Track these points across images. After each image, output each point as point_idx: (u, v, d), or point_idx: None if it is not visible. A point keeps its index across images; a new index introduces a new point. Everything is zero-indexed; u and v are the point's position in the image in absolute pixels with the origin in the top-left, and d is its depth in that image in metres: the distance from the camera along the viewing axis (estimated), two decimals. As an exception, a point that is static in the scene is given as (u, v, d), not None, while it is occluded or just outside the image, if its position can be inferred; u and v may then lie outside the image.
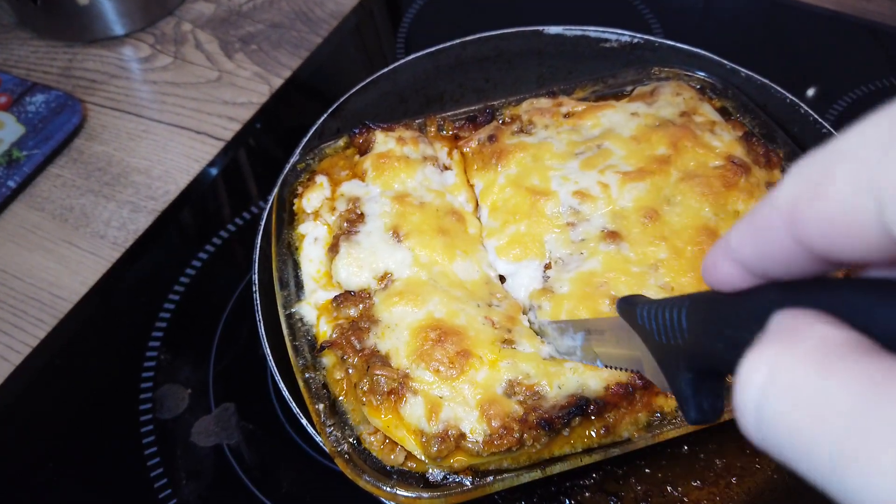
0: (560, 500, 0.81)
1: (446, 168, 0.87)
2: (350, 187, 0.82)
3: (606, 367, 0.56)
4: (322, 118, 0.95)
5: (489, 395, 0.64)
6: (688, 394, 0.40)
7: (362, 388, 0.64)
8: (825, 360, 0.25)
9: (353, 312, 0.70)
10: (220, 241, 1.07)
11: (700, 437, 0.85)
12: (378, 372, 0.64)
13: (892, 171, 0.24)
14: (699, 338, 0.39)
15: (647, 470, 0.83)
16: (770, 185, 0.86)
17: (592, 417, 0.66)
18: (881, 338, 0.26)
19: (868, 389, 0.23)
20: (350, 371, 0.67)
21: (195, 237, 1.09)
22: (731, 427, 0.86)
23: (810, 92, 1.24)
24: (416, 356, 0.65)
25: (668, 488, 0.82)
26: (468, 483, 0.64)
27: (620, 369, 0.54)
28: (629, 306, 0.46)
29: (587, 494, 0.82)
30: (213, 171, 1.16)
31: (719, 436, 0.85)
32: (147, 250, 1.07)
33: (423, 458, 0.63)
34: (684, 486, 0.82)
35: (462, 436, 0.62)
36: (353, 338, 0.67)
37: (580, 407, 0.64)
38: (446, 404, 0.63)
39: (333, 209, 0.81)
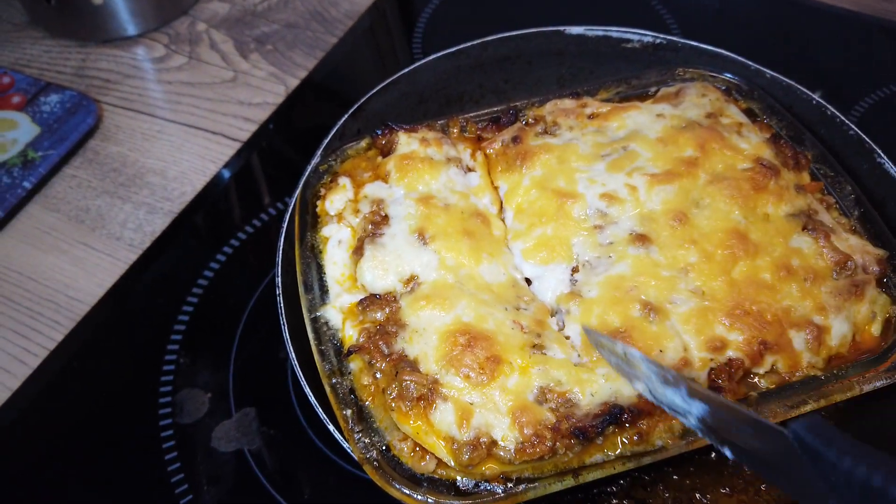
0: (587, 507, 0.80)
1: (470, 170, 0.86)
2: (373, 189, 0.81)
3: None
4: (343, 119, 0.94)
5: (521, 402, 0.63)
6: None
7: (391, 394, 0.63)
8: None
9: (379, 316, 0.69)
10: (237, 243, 1.06)
11: (728, 443, 0.84)
12: (407, 378, 0.63)
13: None
14: None
15: (675, 477, 0.82)
16: (799, 187, 0.84)
17: (626, 425, 0.65)
18: None
19: None
20: (378, 376, 0.66)
21: (212, 239, 1.08)
22: (760, 433, 0.85)
23: (829, 93, 1.22)
24: (446, 361, 0.64)
25: (697, 495, 0.81)
26: (500, 491, 0.63)
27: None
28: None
29: (614, 502, 0.80)
30: (230, 172, 1.15)
31: (748, 442, 0.84)
32: (164, 252, 1.06)
33: (453, 465, 0.61)
34: (713, 493, 0.81)
35: (493, 443, 0.61)
36: (380, 342, 0.67)
37: (614, 415, 0.63)
38: (477, 411, 0.62)
39: (357, 211, 0.80)
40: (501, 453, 0.61)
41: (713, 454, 0.83)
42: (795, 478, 0.46)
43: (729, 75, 0.99)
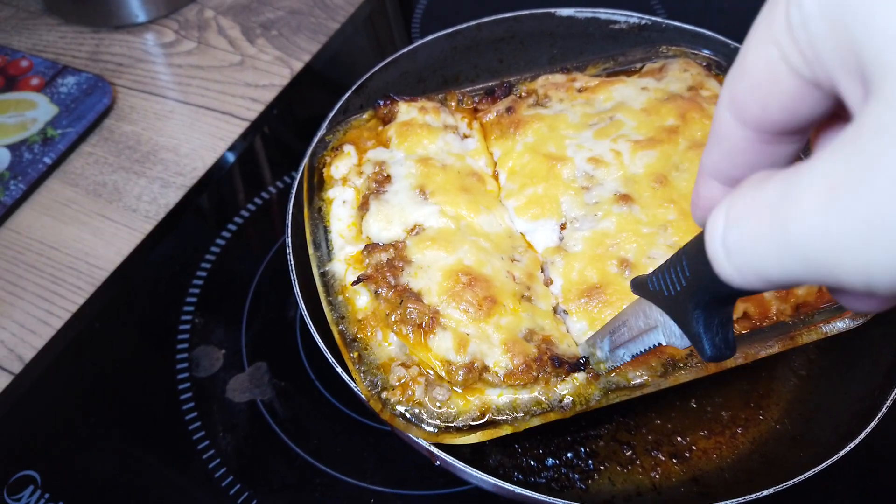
0: (576, 449, 0.86)
1: (466, 136, 0.92)
2: (376, 153, 0.87)
3: (633, 358, 0.62)
4: (347, 94, 1.00)
5: (511, 337, 0.70)
6: (700, 332, 0.45)
7: (393, 318, 0.70)
8: (760, 182, 0.31)
9: (384, 258, 0.75)
10: (248, 214, 1.12)
11: (708, 391, 0.90)
12: (411, 306, 0.69)
13: (783, 25, 0.30)
14: (696, 268, 0.43)
15: (657, 421, 0.88)
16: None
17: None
18: None
19: (782, 181, 0.30)
20: (382, 305, 0.72)
21: (223, 211, 1.14)
22: (737, 381, 0.92)
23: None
24: (448, 296, 0.70)
25: (678, 438, 0.87)
26: (507, 419, 0.69)
27: (644, 353, 0.60)
28: (641, 282, 0.52)
29: (601, 443, 0.87)
30: (238, 151, 1.21)
31: (725, 390, 0.90)
32: (178, 223, 1.12)
33: (447, 380, 0.68)
34: (692, 435, 0.87)
35: (485, 368, 0.68)
36: (388, 273, 0.73)
37: (579, 364, 0.70)
38: (473, 341, 0.68)
39: (361, 173, 0.86)
40: (490, 377, 0.68)
41: (693, 402, 0.90)
42: (664, 322, 0.52)
43: (709, 52, 1.05)
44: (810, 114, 0.33)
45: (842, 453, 0.71)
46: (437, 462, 0.73)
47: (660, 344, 0.55)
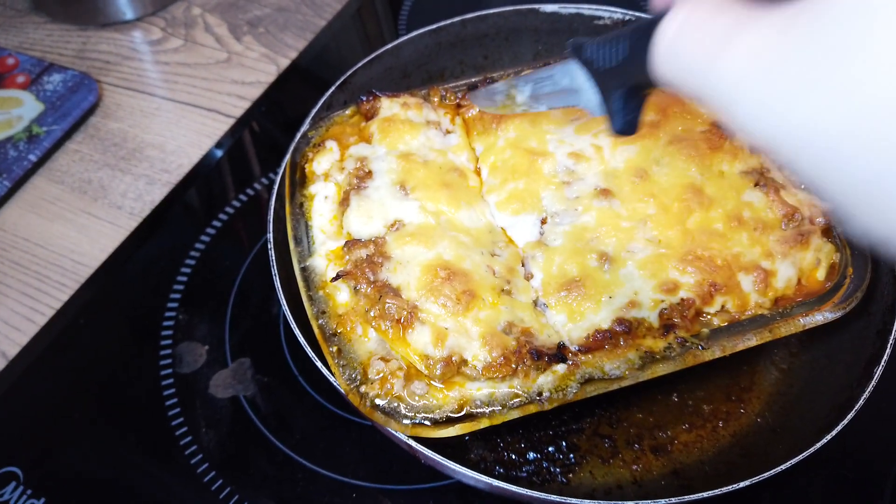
0: (557, 443, 0.87)
1: (449, 132, 0.92)
2: (358, 149, 0.88)
3: (549, 108, 0.67)
4: (330, 90, 1.00)
5: (490, 330, 0.70)
6: (617, 108, 0.51)
7: (372, 314, 0.70)
8: (717, 9, 0.38)
9: (363, 254, 0.75)
10: (232, 210, 1.12)
11: (689, 385, 0.90)
12: (390, 301, 0.69)
13: None
14: (634, 50, 0.48)
15: (639, 415, 0.89)
16: (752, 147, 0.91)
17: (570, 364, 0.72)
18: None
19: (733, 19, 0.37)
20: (362, 301, 0.72)
21: (208, 208, 1.14)
22: (718, 375, 0.92)
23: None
24: (426, 290, 0.70)
25: (659, 432, 0.88)
26: (486, 412, 0.69)
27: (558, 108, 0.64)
28: (578, 46, 0.57)
29: (583, 437, 0.87)
30: (223, 149, 1.21)
31: (707, 383, 0.90)
32: (163, 220, 1.12)
33: (426, 373, 0.68)
34: (674, 429, 0.87)
35: (464, 362, 0.68)
36: (367, 269, 0.73)
37: (561, 355, 0.71)
38: (451, 335, 0.69)
39: (342, 169, 0.86)
40: (469, 371, 0.68)
41: (675, 396, 0.90)
42: (587, 90, 0.56)
43: None
44: None
45: (818, 446, 0.71)
46: (422, 459, 0.73)
47: (576, 106, 0.59)
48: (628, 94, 0.51)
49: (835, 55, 0.31)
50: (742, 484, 0.69)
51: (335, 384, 0.74)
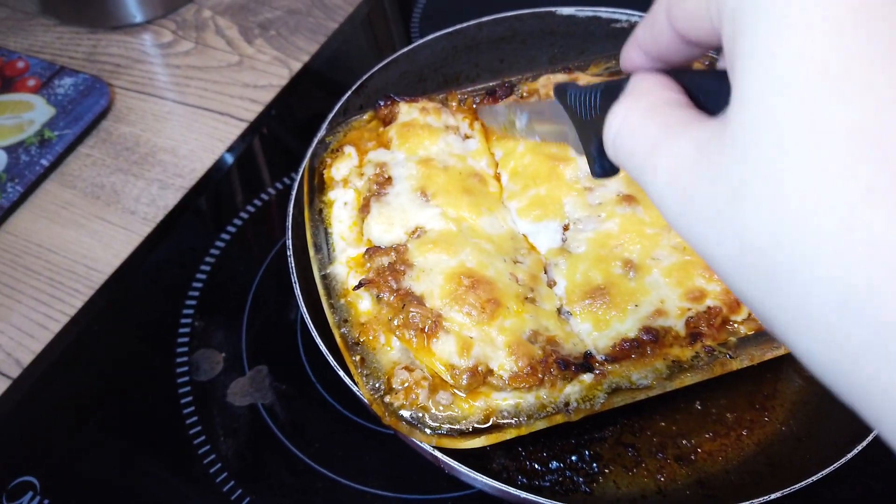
0: (580, 452, 0.86)
1: (468, 137, 0.91)
2: (377, 155, 0.87)
3: (542, 140, 0.67)
4: (347, 94, 0.99)
5: (515, 339, 0.69)
6: (595, 155, 0.52)
7: (395, 323, 0.69)
8: (650, 112, 0.40)
9: (385, 261, 0.74)
10: (245, 216, 1.11)
11: (713, 393, 0.89)
12: (413, 310, 0.68)
13: None
14: (602, 110, 0.49)
15: (662, 424, 0.88)
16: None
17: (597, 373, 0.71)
18: (703, 99, 0.40)
19: (661, 128, 0.38)
20: (385, 310, 0.72)
21: (223, 212, 1.13)
22: (742, 383, 0.91)
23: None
24: (451, 299, 0.70)
25: (683, 441, 0.87)
26: (513, 422, 0.68)
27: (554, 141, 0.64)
28: (563, 92, 0.58)
29: (606, 446, 0.86)
30: (237, 152, 1.20)
31: (730, 391, 0.89)
32: (177, 225, 1.11)
33: (452, 384, 0.67)
34: (697, 438, 0.86)
35: (490, 372, 0.67)
36: (389, 277, 0.72)
37: (588, 365, 0.70)
38: (476, 344, 0.68)
39: (361, 175, 0.85)
40: (495, 381, 0.67)
41: (698, 404, 0.89)
42: (571, 132, 0.57)
43: (713, 52, 1.04)
44: (717, 41, 0.39)
45: (850, 455, 0.70)
46: (445, 469, 0.72)
47: (565, 143, 0.61)
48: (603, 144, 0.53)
49: (731, 187, 0.32)
50: (774, 495, 0.68)
51: (358, 394, 0.73)
